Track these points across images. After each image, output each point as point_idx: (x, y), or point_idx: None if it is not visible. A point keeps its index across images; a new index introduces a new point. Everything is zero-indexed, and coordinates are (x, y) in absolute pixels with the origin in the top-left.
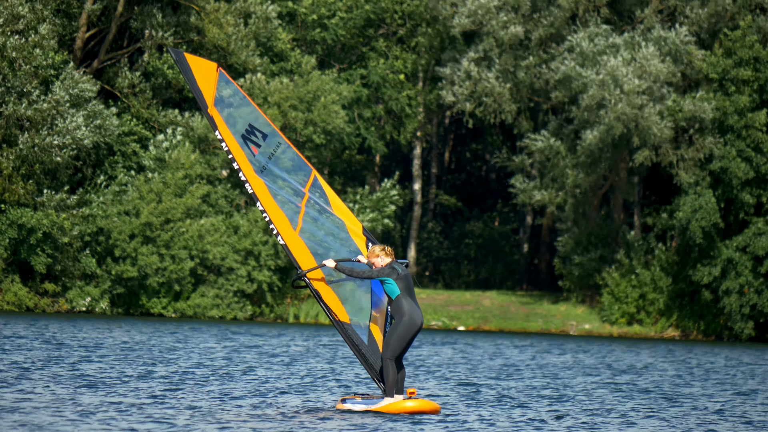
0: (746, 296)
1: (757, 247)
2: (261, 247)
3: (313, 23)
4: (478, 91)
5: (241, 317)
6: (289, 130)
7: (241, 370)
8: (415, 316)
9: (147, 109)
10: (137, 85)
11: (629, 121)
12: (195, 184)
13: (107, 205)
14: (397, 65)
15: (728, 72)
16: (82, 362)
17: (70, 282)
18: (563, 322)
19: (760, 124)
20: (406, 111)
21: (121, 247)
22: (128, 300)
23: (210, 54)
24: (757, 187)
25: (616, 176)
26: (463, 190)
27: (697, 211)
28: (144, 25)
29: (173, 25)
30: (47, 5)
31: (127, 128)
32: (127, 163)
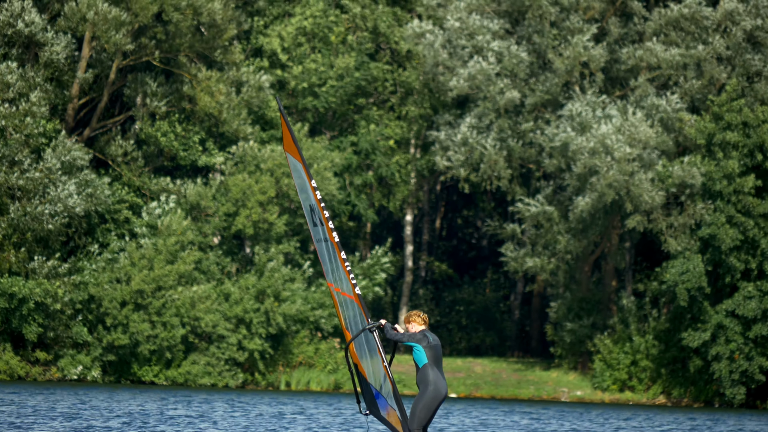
0: (737, 362)
1: (746, 310)
2: (252, 315)
3: (304, 91)
4: (473, 157)
5: (232, 385)
6: (282, 197)
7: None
8: (440, 386)
9: (139, 176)
10: (129, 153)
11: (620, 188)
12: (187, 250)
13: (99, 273)
14: (387, 132)
15: (715, 136)
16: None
17: (61, 350)
18: (555, 389)
19: (749, 189)
20: (396, 178)
21: (112, 314)
22: (119, 368)
23: (201, 122)
24: (746, 252)
25: (608, 242)
26: (454, 256)
27: (683, 274)
28: (136, 93)
29: (166, 93)
30: (39, 73)
31: (119, 196)
32: (119, 231)
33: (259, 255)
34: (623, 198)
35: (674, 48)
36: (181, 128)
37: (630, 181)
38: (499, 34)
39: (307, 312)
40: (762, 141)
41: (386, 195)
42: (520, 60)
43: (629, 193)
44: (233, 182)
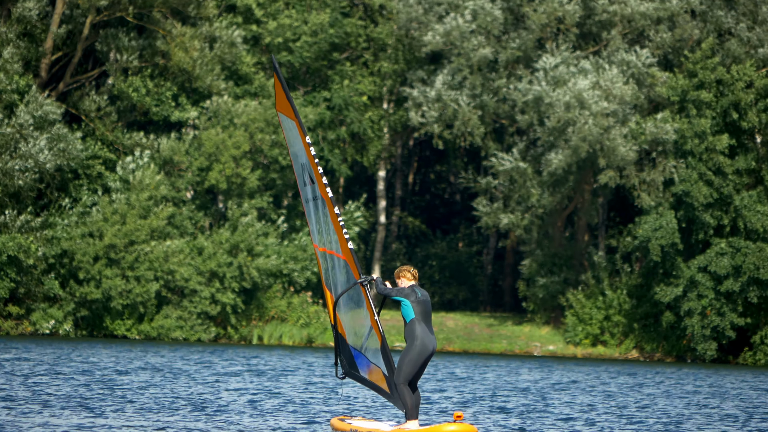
0: (708, 318)
1: (718, 267)
2: (225, 269)
3: (278, 46)
4: (447, 113)
5: (204, 339)
6: (255, 152)
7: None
8: (427, 342)
9: (112, 132)
10: (102, 108)
11: (595, 143)
12: (160, 205)
13: (71, 227)
14: (360, 87)
15: (688, 94)
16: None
17: (34, 304)
18: (527, 344)
19: (722, 148)
20: (369, 133)
21: (85, 269)
22: (92, 322)
23: (174, 78)
24: (719, 209)
25: (580, 198)
26: (427, 212)
27: (657, 230)
28: (109, 48)
29: (138, 48)
30: (11, 29)
31: (91, 151)
32: (92, 186)
33: (232, 210)
34: (597, 153)
35: (648, 2)
36: (154, 84)
37: (605, 136)
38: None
39: (281, 266)
40: (737, 99)
41: (359, 150)
42: (495, 17)
43: (603, 149)
44: (206, 137)
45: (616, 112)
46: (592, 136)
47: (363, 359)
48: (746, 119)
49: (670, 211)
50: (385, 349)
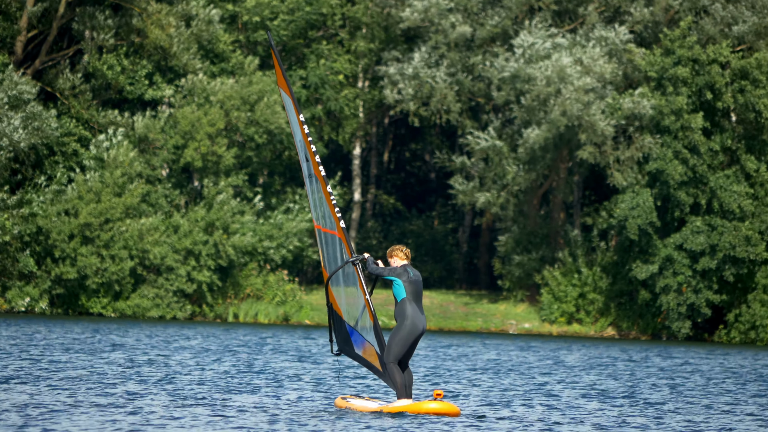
0: (684, 295)
1: (694, 244)
2: (201, 247)
3: (255, 25)
4: (423, 90)
5: (180, 317)
6: (231, 130)
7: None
8: (417, 321)
9: (87, 110)
10: (77, 86)
11: (574, 118)
12: (134, 183)
13: (47, 205)
14: (336, 66)
15: (666, 70)
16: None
17: (9, 282)
18: (503, 322)
19: (696, 127)
20: (345, 112)
21: (60, 247)
22: (68, 300)
23: (150, 56)
24: (694, 187)
25: (556, 176)
26: (402, 190)
27: (634, 208)
28: (85, 26)
29: (114, 26)
30: None
31: (66, 129)
32: (67, 163)
33: (208, 188)
34: (576, 128)
35: None
36: (129, 62)
37: (585, 111)
38: None
39: (256, 244)
40: (712, 81)
41: (335, 129)
42: None
43: (581, 125)
44: (182, 115)
45: (596, 89)
46: (572, 111)
47: (358, 337)
48: (721, 100)
49: (646, 189)
50: (377, 327)
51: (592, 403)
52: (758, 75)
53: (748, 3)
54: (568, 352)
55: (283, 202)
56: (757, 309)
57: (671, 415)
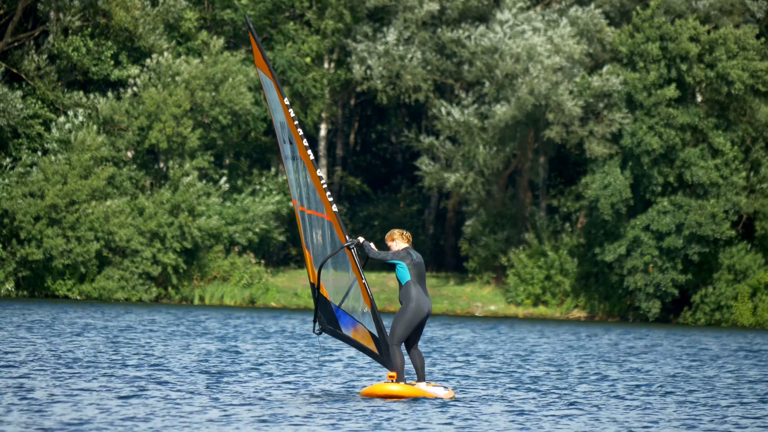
0: (651, 275)
1: (661, 225)
2: (166, 229)
3: (222, 3)
4: (393, 68)
5: (146, 299)
6: (196, 110)
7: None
8: (422, 303)
9: (52, 91)
10: (42, 68)
11: (542, 97)
12: (101, 166)
13: (12, 187)
14: (304, 48)
15: (637, 47)
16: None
17: None
18: (469, 304)
19: (669, 99)
20: (312, 93)
21: (26, 229)
22: (33, 282)
23: (116, 37)
24: (666, 165)
25: (523, 157)
26: (368, 171)
27: (606, 187)
28: (50, 7)
29: (80, 8)
30: None
31: (31, 110)
32: (32, 145)
33: (173, 169)
34: (543, 107)
35: None
36: (94, 43)
37: (552, 90)
38: None
39: (222, 227)
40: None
41: (302, 110)
42: None
43: (548, 104)
44: (147, 95)
45: (565, 69)
46: (540, 90)
47: (347, 318)
48: (691, 73)
49: (617, 168)
50: (374, 311)
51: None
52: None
53: None
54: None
55: (249, 183)
56: (722, 289)
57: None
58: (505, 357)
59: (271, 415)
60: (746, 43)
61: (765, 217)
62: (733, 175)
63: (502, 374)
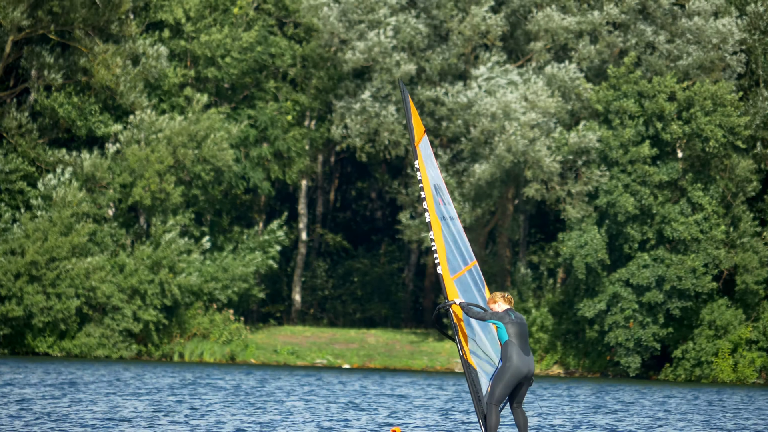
0: (631, 330)
1: (640, 278)
2: (147, 286)
3: (206, 62)
4: (371, 126)
5: (126, 356)
6: (178, 167)
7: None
8: (521, 364)
9: (33, 149)
10: (24, 125)
11: (520, 154)
12: (81, 222)
13: None
14: (285, 106)
15: (612, 103)
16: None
17: None
18: (448, 360)
19: (644, 156)
20: (293, 151)
21: (6, 286)
22: (13, 339)
23: (97, 94)
24: (642, 222)
25: (502, 213)
26: (348, 228)
27: (582, 246)
28: (32, 65)
29: (62, 66)
30: None
31: (13, 165)
32: (13, 202)
33: (155, 226)
34: (521, 164)
35: (571, 16)
36: (78, 99)
37: (530, 147)
38: (396, 7)
39: (202, 285)
40: (660, 109)
41: (282, 168)
42: (418, 32)
43: (527, 161)
44: (130, 152)
45: (541, 124)
46: (517, 147)
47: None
48: (668, 131)
49: (594, 226)
50: (467, 375)
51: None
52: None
53: (692, 38)
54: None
55: (230, 241)
56: (702, 345)
57: None
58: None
59: None
60: (723, 99)
61: (746, 272)
62: (713, 230)
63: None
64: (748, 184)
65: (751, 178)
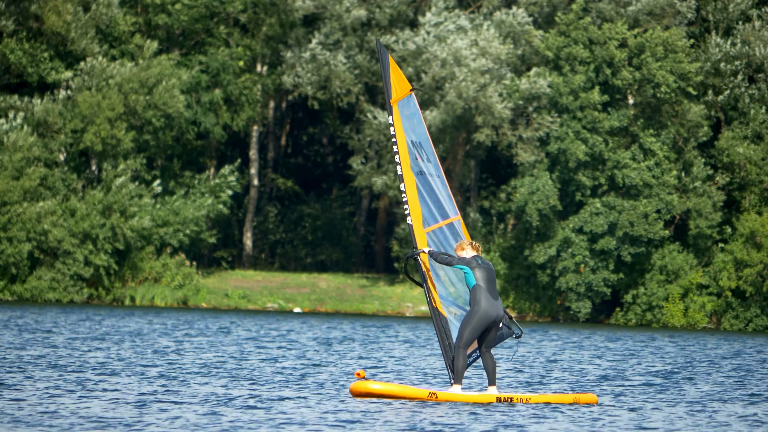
0: (582, 275)
1: (594, 226)
2: (98, 231)
3: (156, 8)
4: (322, 74)
5: (77, 300)
6: (129, 113)
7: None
8: (489, 308)
9: None
10: None
11: (471, 100)
12: (32, 167)
13: None
14: (237, 52)
15: (563, 50)
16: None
17: None
18: (399, 304)
19: (594, 102)
20: (244, 97)
21: None
22: None
23: (48, 41)
24: (594, 168)
25: (453, 159)
26: (300, 173)
27: (534, 193)
28: None
29: (13, 13)
30: None
31: None
32: None
33: (106, 171)
34: (472, 110)
35: None
36: (29, 45)
37: (481, 93)
38: None
39: (153, 229)
40: (611, 56)
41: (233, 113)
42: None
43: (478, 107)
44: (81, 98)
45: (492, 71)
46: (468, 93)
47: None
48: (619, 77)
49: (546, 172)
50: (435, 321)
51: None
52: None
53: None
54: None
55: (181, 186)
56: (654, 290)
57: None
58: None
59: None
60: (674, 46)
61: (698, 216)
62: (664, 175)
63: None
64: (699, 129)
65: (702, 123)
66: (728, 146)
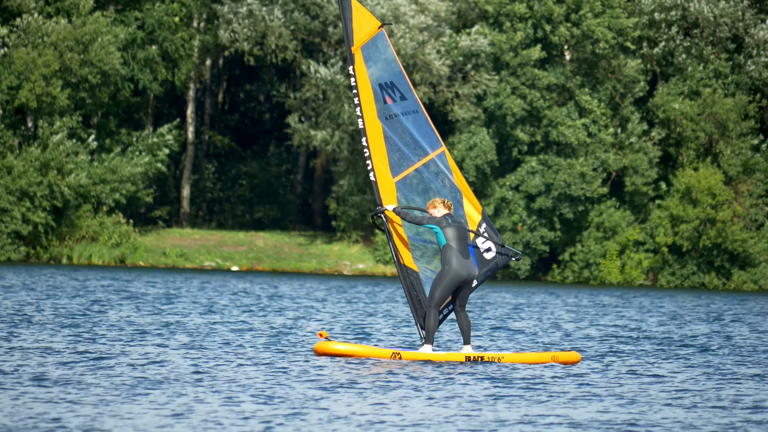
0: (519, 233)
1: (530, 186)
2: (36, 188)
3: None
4: (258, 30)
5: (15, 258)
6: (65, 71)
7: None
8: (460, 268)
9: None
10: None
11: (408, 57)
12: None
13: None
14: (173, 8)
15: (504, 6)
16: None
17: None
18: (337, 262)
19: (534, 60)
20: (180, 52)
21: None
22: None
23: None
24: (531, 125)
25: None
26: (237, 131)
27: (471, 148)
28: None
29: None
30: None
31: None
32: None
33: (42, 128)
34: (410, 67)
35: None
36: None
37: (419, 50)
38: None
39: (90, 187)
40: (549, 11)
41: (170, 69)
42: None
43: (416, 64)
44: (17, 55)
45: (431, 28)
46: (406, 51)
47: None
48: (557, 33)
49: (483, 128)
50: (401, 273)
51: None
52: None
53: None
54: None
55: (118, 143)
56: (591, 247)
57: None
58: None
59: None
60: (611, 1)
61: (635, 173)
62: (601, 133)
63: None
64: (635, 84)
65: (638, 78)
66: (664, 102)
